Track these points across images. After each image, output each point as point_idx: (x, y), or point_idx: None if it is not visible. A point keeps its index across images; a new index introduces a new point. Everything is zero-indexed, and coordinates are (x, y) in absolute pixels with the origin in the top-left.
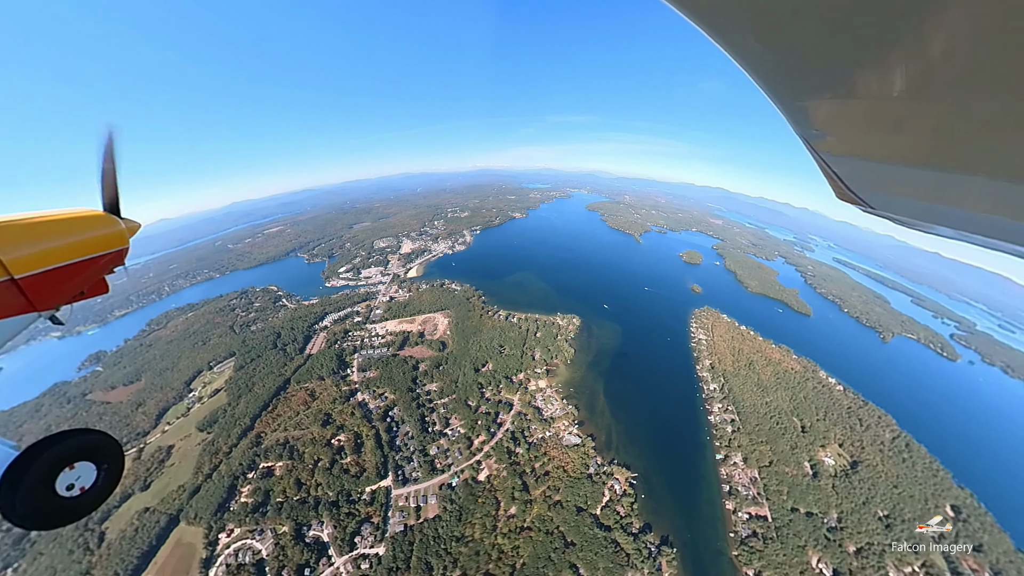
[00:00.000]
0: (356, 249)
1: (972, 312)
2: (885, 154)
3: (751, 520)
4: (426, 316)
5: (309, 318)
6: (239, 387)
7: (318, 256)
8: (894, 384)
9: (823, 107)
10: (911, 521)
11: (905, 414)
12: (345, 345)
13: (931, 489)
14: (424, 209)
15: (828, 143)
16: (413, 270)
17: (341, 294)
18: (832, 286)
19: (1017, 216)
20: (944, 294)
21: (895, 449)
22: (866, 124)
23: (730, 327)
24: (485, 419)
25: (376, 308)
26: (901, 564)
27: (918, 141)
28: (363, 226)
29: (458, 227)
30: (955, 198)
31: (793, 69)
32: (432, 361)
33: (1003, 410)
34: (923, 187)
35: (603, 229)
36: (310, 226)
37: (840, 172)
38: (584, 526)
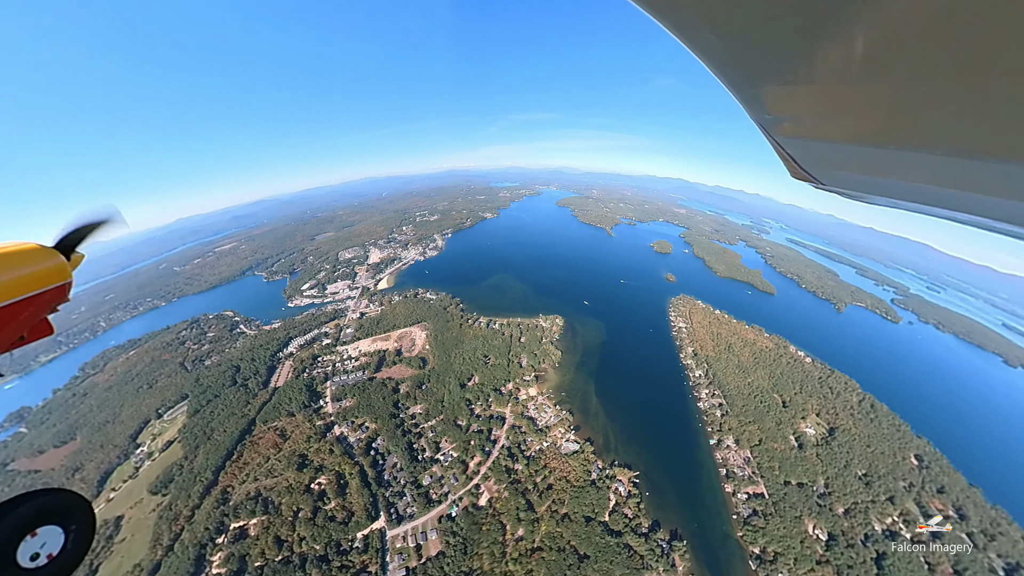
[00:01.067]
0: (320, 262)
1: (905, 278)
2: (833, 135)
3: (750, 499)
4: (402, 331)
5: (272, 345)
6: (196, 436)
7: (278, 273)
8: (852, 350)
9: (776, 93)
10: (886, 476)
11: (865, 377)
12: (315, 373)
13: (897, 443)
14: (391, 214)
15: (782, 127)
16: (384, 281)
17: (306, 314)
18: (789, 265)
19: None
20: (881, 264)
21: (862, 411)
22: (816, 108)
23: (706, 313)
24: (478, 438)
25: (346, 327)
26: (880, 515)
27: (862, 122)
28: (326, 236)
29: (428, 231)
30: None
31: (747, 59)
32: (413, 381)
33: (941, 362)
34: (867, 163)
35: (575, 224)
36: (267, 240)
37: (793, 153)
38: (595, 536)
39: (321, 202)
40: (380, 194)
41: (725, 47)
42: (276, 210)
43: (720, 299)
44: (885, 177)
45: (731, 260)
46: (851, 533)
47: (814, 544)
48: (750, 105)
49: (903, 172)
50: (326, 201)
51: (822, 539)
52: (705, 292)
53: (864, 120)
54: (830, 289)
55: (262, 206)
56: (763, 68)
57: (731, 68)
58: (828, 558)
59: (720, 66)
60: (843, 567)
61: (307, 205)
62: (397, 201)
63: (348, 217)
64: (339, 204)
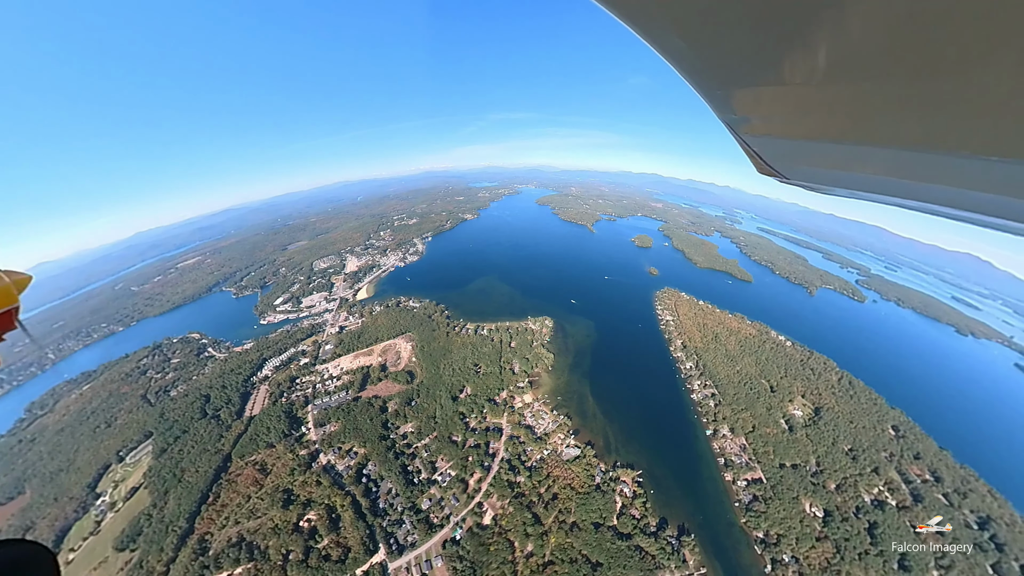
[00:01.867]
0: (293, 274)
1: (865, 259)
2: (796, 133)
3: (749, 485)
4: (385, 344)
5: (244, 369)
6: (164, 479)
7: (248, 288)
8: (827, 330)
9: (741, 95)
10: (869, 449)
11: (841, 355)
12: (294, 397)
13: (875, 416)
14: (367, 219)
15: (747, 126)
16: (363, 291)
17: (281, 332)
18: (762, 253)
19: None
20: (843, 247)
21: (842, 388)
22: (779, 108)
23: (691, 304)
24: (476, 453)
25: (325, 343)
26: (868, 486)
27: (822, 121)
28: (299, 245)
29: (407, 236)
30: (853, 165)
31: (712, 62)
32: (402, 397)
33: (904, 335)
34: (827, 158)
35: (556, 222)
36: (235, 252)
37: (759, 150)
38: (606, 542)
39: (292, 209)
40: (355, 198)
41: (691, 51)
42: (244, 219)
43: (702, 290)
44: (844, 171)
45: (709, 251)
46: (844, 507)
47: (812, 522)
48: (717, 106)
49: (860, 165)
50: (298, 208)
51: (819, 516)
52: (688, 284)
53: (824, 119)
54: (801, 274)
55: (228, 216)
56: (728, 71)
57: (698, 71)
58: (826, 534)
59: (687, 69)
60: (840, 540)
61: (277, 213)
62: (373, 205)
63: (322, 224)
64: (312, 210)
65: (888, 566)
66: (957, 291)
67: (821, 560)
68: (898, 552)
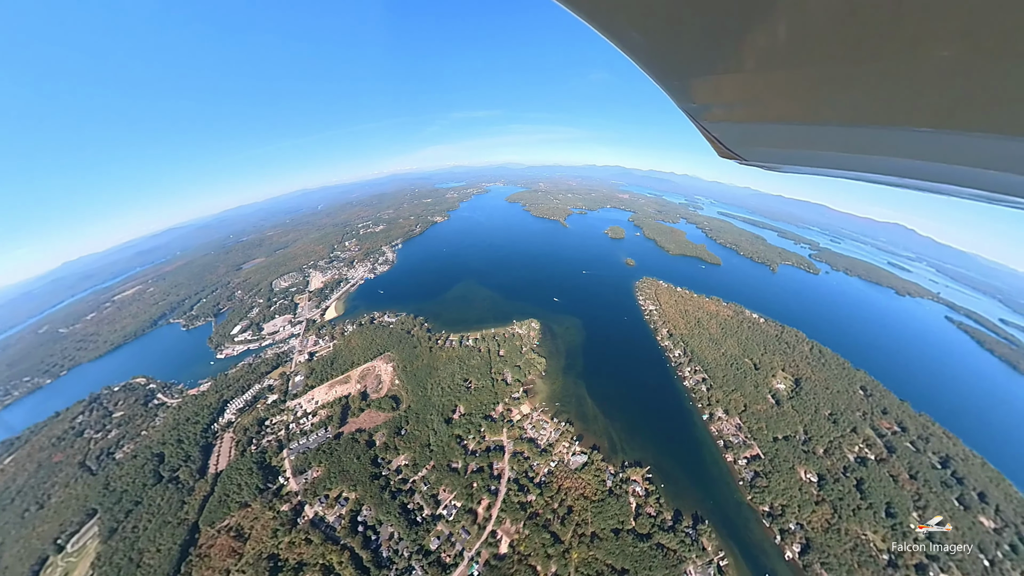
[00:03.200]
0: (251, 297)
1: (813, 235)
2: (752, 117)
3: (750, 463)
4: (363, 367)
5: (203, 415)
6: (118, 566)
7: (199, 317)
8: (793, 304)
9: (698, 84)
10: (846, 411)
11: (807, 326)
12: (265, 443)
13: (845, 380)
14: (330, 229)
15: (706, 113)
16: (331, 309)
17: (242, 366)
18: (726, 236)
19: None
20: (794, 225)
21: (814, 357)
22: (735, 95)
23: (670, 292)
24: (480, 477)
25: (294, 374)
26: (850, 446)
27: (775, 104)
28: (256, 264)
29: (375, 244)
30: (806, 143)
31: (669, 54)
32: (389, 427)
33: (855, 300)
34: (782, 138)
35: (529, 219)
36: (182, 277)
37: (718, 135)
38: (627, 547)
39: (245, 224)
40: (315, 207)
41: (649, 44)
42: (190, 238)
43: (678, 276)
44: (798, 149)
45: (678, 238)
46: (834, 469)
47: (809, 488)
48: (676, 95)
49: (811, 143)
50: (251, 222)
51: (814, 481)
52: (664, 271)
53: (777, 102)
54: (763, 253)
55: (172, 235)
56: (685, 62)
57: (656, 63)
58: (823, 496)
59: (646, 62)
60: (835, 501)
61: (228, 229)
62: (336, 213)
63: (280, 238)
64: (267, 223)
65: (878, 516)
66: (891, 257)
67: (822, 522)
68: (884, 502)
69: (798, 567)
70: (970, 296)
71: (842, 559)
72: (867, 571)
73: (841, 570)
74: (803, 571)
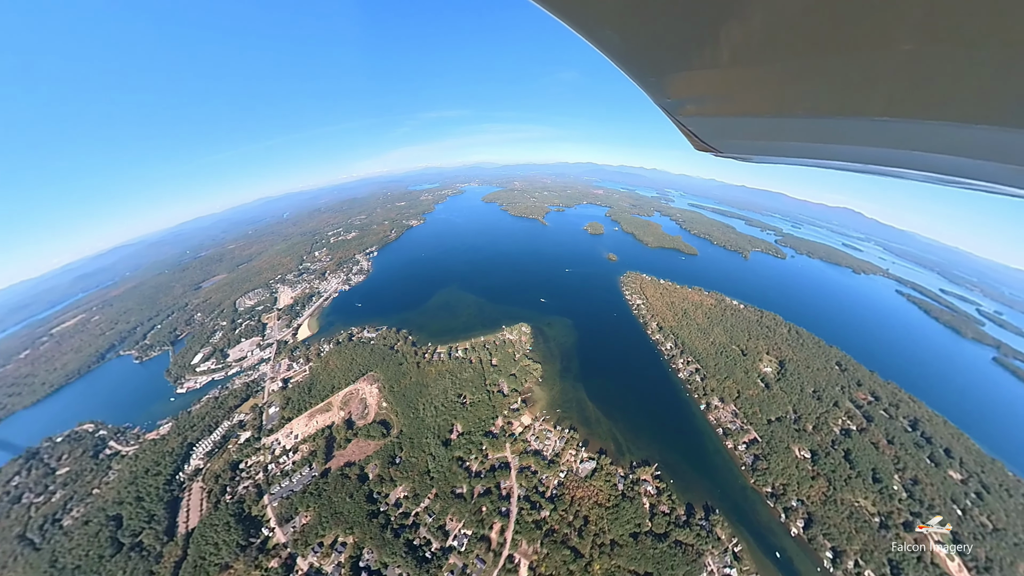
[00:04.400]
0: (212, 319)
1: (776, 221)
2: (727, 111)
3: (749, 447)
4: (346, 391)
5: (165, 464)
6: None
7: (154, 347)
8: (768, 288)
9: (674, 80)
10: (827, 387)
11: (782, 308)
12: (241, 490)
13: (822, 357)
14: (298, 239)
15: (683, 108)
16: (304, 327)
17: (207, 400)
18: (699, 226)
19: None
20: (758, 213)
21: (792, 338)
22: (710, 90)
23: (654, 285)
24: (488, 501)
25: (268, 405)
26: (835, 420)
27: (749, 99)
28: (216, 281)
29: (348, 253)
30: (779, 135)
31: (645, 51)
32: (382, 457)
33: (819, 281)
34: (756, 131)
35: (507, 219)
36: (132, 301)
37: (695, 130)
38: (648, 549)
39: (204, 237)
40: (281, 216)
41: (624, 42)
42: (140, 257)
43: (660, 268)
44: (771, 140)
45: (655, 231)
46: (824, 444)
47: (805, 465)
48: (652, 92)
49: (784, 135)
50: (210, 235)
51: (808, 458)
52: (646, 265)
53: (751, 97)
54: (734, 241)
55: (119, 255)
56: (660, 59)
57: (632, 60)
58: (817, 471)
59: (622, 59)
60: (829, 473)
61: (184, 244)
62: (303, 222)
63: (242, 251)
64: (228, 236)
65: (866, 483)
66: (844, 239)
67: (819, 495)
68: (870, 468)
69: (804, 541)
70: (913, 270)
71: (841, 528)
72: (863, 535)
73: (841, 538)
74: (808, 544)
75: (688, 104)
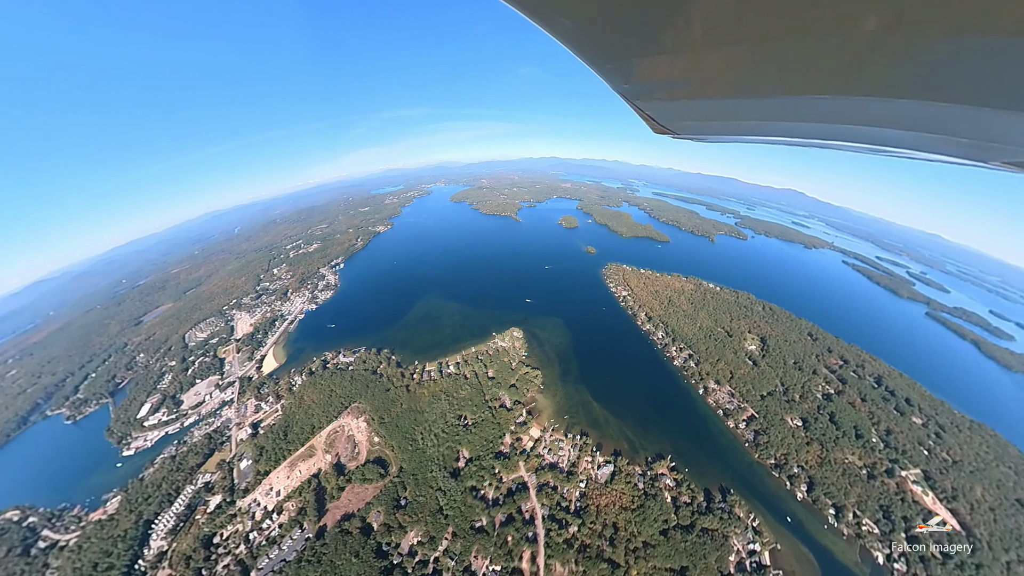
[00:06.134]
0: (159, 360)
1: (733, 205)
2: (680, 95)
3: (748, 424)
4: (329, 430)
5: (119, 552)
6: None
7: (89, 401)
8: (736, 269)
9: (629, 68)
10: (804, 357)
11: (754, 287)
12: (220, 570)
13: (795, 330)
14: (252, 256)
15: (640, 93)
16: (269, 358)
17: (161, 462)
18: (666, 214)
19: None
20: (716, 198)
21: (768, 315)
22: (664, 74)
23: (636, 275)
24: (512, 529)
25: (239, 459)
26: (816, 387)
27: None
28: (160, 313)
29: (311, 267)
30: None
31: (601, 39)
32: (385, 501)
33: (780, 258)
34: (710, 112)
35: (480, 218)
36: (56, 348)
37: (652, 113)
38: (678, 543)
39: (141, 262)
40: (231, 231)
41: (580, 31)
42: (64, 292)
43: (638, 258)
44: (724, 121)
45: (626, 221)
46: (811, 410)
47: (799, 432)
48: (610, 79)
49: (736, 115)
50: (149, 259)
51: (800, 425)
52: (624, 255)
53: (704, 80)
54: (700, 226)
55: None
56: (616, 46)
57: (589, 48)
58: (810, 437)
59: (579, 48)
60: (819, 437)
61: (118, 272)
62: (257, 236)
63: (189, 275)
64: (171, 258)
65: (851, 440)
66: (792, 217)
67: (815, 459)
68: (852, 426)
69: (809, 503)
70: (852, 241)
71: (838, 485)
72: (856, 488)
73: (840, 495)
74: (813, 505)
75: (645, 89)
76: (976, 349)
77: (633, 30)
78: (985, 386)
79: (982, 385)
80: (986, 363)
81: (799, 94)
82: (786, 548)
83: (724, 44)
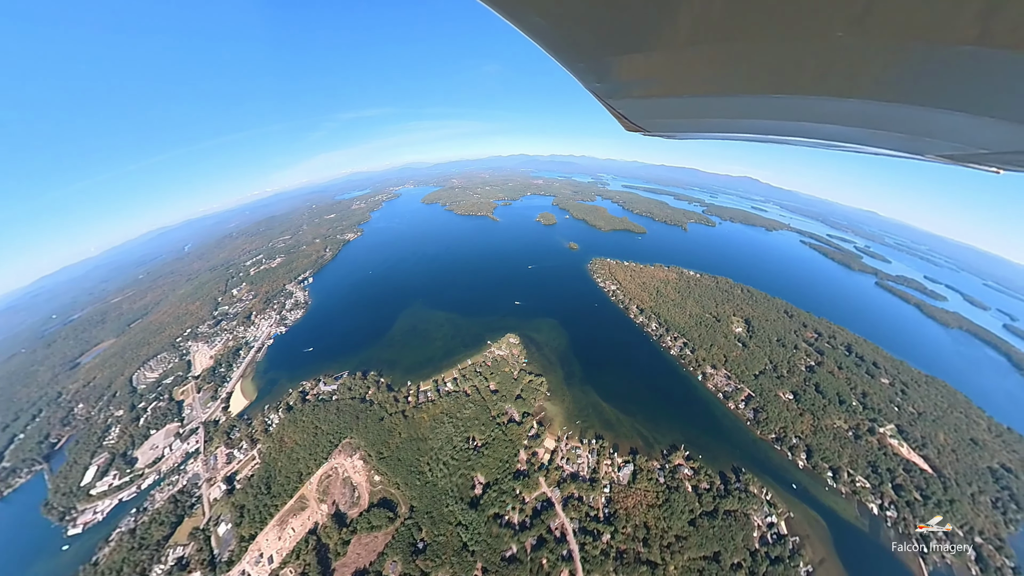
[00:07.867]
0: (102, 409)
1: (698, 194)
2: (651, 93)
3: (747, 404)
4: (320, 474)
5: None
6: None
7: (19, 470)
8: (711, 255)
9: (604, 66)
10: (786, 334)
11: (730, 271)
12: None
13: (773, 310)
14: (208, 277)
15: (611, 92)
16: (237, 395)
17: (118, 538)
18: (640, 206)
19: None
20: (681, 188)
21: (746, 297)
22: (636, 74)
23: (622, 268)
24: (545, 551)
25: (216, 523)
26: (800, 360)
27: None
28: (101, 351)
29: (276, 284)
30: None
31: (574, 38)
32: (400, 549)
33: (746, 242)
34: (679, 110)
35: (455, 219)
36: None
37: (624, 112)
38: (706, 530)
39: (75, 292)
40: (181, 249)
41: (554, 29)
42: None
43: (620, 251)
44: (691, 119)
45: (603, 214)
46: (799, 382)
47: (791, 405)
48: (583, 77)
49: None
50: (84, 287)
51: (792, 399)
52: (606, 249)
53: (674, 79)
54: (671, 216)
55: None
56: (589, 46)
57: (562, 48)
58: (802, 408)
59: (552, 46)
60: (810, 407)
61: (46, 306)
62: (211, 253)
63: (133, 303)
64: (110, 285)
65: (836, 406)
66: (751, 203)
67: (809, 428)
68: (835, 393)
69: (810, 469)
70: (805, 221)
71: (831, 449)
72: (847, 450)
73: (834, 458)
74: (813, 470)
75: (618, 87)
76: (919, 311)
77: (608, 29)
78: (930, 343)
79: (928, 342)
80: (927, 322)
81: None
82: (797, 515)
83: (698, 43)
